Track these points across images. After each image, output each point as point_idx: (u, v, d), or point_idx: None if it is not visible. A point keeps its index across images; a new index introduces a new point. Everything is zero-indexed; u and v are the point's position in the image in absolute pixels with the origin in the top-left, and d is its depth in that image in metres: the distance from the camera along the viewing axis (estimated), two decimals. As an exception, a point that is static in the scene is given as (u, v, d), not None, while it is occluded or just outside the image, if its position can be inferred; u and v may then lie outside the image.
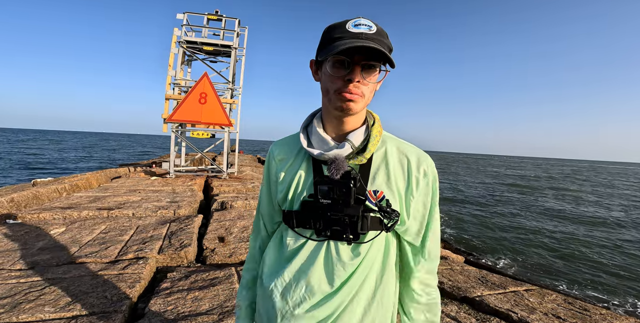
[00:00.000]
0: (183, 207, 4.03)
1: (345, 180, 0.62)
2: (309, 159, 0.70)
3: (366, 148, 0.65)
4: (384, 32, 0.62)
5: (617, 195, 20.90)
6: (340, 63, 0.60)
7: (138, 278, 2.08)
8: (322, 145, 0.67)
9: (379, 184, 0.66)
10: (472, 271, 2.78)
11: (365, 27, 0.59)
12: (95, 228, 3.07)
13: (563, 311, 2.05)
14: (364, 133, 0.67)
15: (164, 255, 2.54)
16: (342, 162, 0.62)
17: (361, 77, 0.59)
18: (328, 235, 0.65)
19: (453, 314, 1.93)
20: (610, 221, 11.98)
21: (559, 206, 15.03)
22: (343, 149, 0.64)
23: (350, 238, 0.63)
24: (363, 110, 0.66)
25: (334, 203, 0.63)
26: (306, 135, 0.71)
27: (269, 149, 0.80)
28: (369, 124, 0.69)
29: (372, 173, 0.66)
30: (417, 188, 0.67)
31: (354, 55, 0.58)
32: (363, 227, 0.63)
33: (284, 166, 0.73)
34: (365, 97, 0.62)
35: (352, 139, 0.65)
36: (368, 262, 0.66)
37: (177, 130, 6.96)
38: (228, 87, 7.69)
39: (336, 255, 0.65)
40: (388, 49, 0.60)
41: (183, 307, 1.78)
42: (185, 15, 7.14)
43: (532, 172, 44.97)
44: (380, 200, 0.65)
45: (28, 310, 1.64)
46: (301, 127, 0.73)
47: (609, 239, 9.34)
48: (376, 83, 0.63)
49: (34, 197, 4.24)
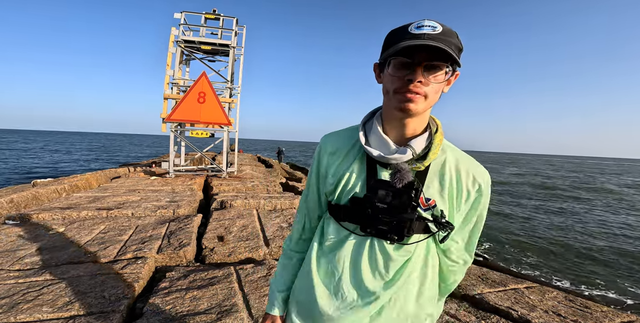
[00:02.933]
0: (182, 206, 4.02)
1: (407, 190, 0.64)
2: (363, 157, 0.70)
3: (427, 156, 0.65)
4: (452, 32, 0.59)
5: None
6: (402, 64, 0.59)
7: (137, 278, 2.07)
8: (382, 146, 0.66)
9: (432, 193, 0.66)
10: (472, 268, 2.77)
11: (428, 28, 0.57)
12: (94, 229, 3.07)
13: (564, 308, 2.04)
14: (426, 140, 0.66)
15: (163, 255, 2.54)
16: (407, 172, 0.64)
17: (423, 77, 0.58)
18: (373, 233, 0.66)
19: (453, 312, 1.92)
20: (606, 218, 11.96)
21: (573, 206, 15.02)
22: (405, 154, 0.63)
23: (395, 238, 0.65)
24: (425, 113, 0.65)
25: (389, 208, 0.64)
26: (364, 133, 0.70)
27: (320, 140, 0.79)
28: (432, 131, 0.67)
29: (427, 181, 0.66)
30: (467, 201, 0.67)
31: (416, 56, 0.57)
32: (409, 231, 0.64)
33: (335, 160, 0.73)
34: (427, 99, 0.60)
35: (414, 145, 0.64)
36: (413, 261, 0.68)
37: (176, 130, 6.95)
38: (227, 86, 7.67)
39: (381, 253, 0.67)
40: (456, 49, 0.58)
41: (182, 306, 1.78)
42: (182, 14, 7.11)
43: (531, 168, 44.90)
44: (430, 208, 0.66)
45: (26, 310, 1.64)
46: (360, 123, 0.72)
47: (611, 233, 9.32)
48: (441, 84, 0.60)
49: (33, 198, 4.24)
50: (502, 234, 9.15)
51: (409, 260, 0.68)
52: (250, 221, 3.53)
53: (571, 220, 11.34)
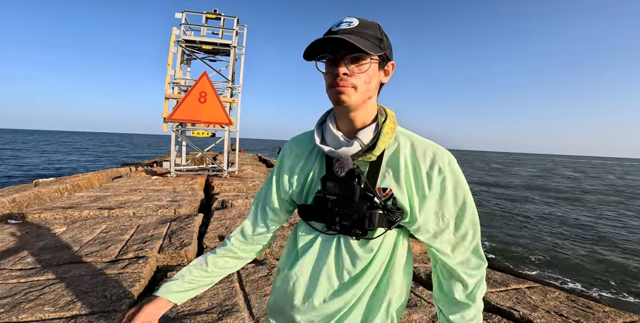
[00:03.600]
0: (183, 206, 4.03)
1: (349, 178, 0.64)
2: (323, 156, 0.72)
3: (375, 145, 0.65)
4: (371, 24, 0.62)
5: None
6: (330, 60, 0.62)
7: (138, 277, 2.08)
8: (334, 142, 0.68)
9: (388, 182, 0.66)
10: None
11: (345, 24, 0.61)
12: (96, 228, 3.07)
13: (566, 309, 2.03)
14: (374, 130, 0.66)
15: (164, 254, 2.54)
16: (346, 160, 0.64)
17: (347, 69, 0.60)
18: (338, 229, 0.67)
19: (454, 312, 1.92)
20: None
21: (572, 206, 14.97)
22: (352, 147, 0.64)
23: (359, 233, 0.65)
24: (368, 105, 0.66)
25: (339, 200, 0.66)
26: (321, 132, 0.72)
27: (284, 144, 0.81)
28: (380, 121, 0.67)
29: (382, 171, 0.66)
30: (430, 186, 0.65)
31: (338, 51, 0.60)
32: (370, 224, 0.64)
33: (298, 161, 0.75)
34: (358, 89, 0.61)
35: (361, 136, 0.65)
36: (380, 258, 0.67)
37: (177, 130, 6.96)
38: (228, 85, 7.68)
39: (346, 250, 0.68)
40: (374, 39, 0.61)
41: (182, 306, 1.78)
42: (183, 14, 7.11)
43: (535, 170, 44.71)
44: (388, 198, 0.65)
45: (28, 309, 1.64)
46: (316, 124, 0.74)
47: (613, 233, 9.29)
48: (369, 73, 0.62)
49: (35, 197, 4.25)
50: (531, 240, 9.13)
51: (375, 256, 0.67)
52: (251, 221, 3.54)
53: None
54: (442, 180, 0.65)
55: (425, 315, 1.84)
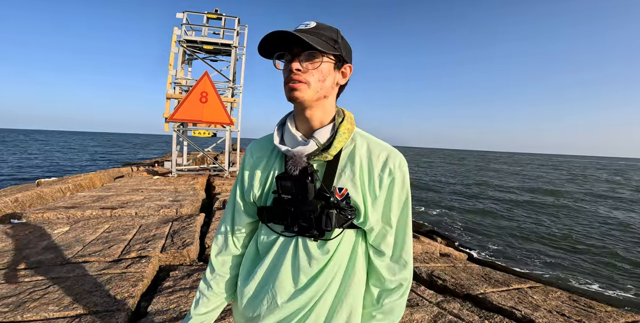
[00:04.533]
0: (185, 206, 4.04)
1: (302, 176, 0.64)
2: (282, 156, 0.72)
3: (332, 145, 0.65)
4: (328, 27, 0.64)
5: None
6: (287, 58, 0.64)
7: (141, 277, 2.09)
8: (292, 141, 0.68)
9: (344, 181, 0.66)
10: (475, 268, 2.77)
11: (302, 25, 0.63)
12: (98, 228, 3.09)
13: (568, 308, 2.03)
14: (330, 130, 0.67)
15: (167, 254, 2.55)
16: (299, 158, 0.65)
17: (300, 65, 0.61)
18: (296, 230, 0.67)
19: (456, 311, 1.92)
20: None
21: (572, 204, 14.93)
22: (307, 146, 0.65)
23: (316, 234, 0.65)
24: (326, 105, 0.67)
25: (294, 199, 0.66)
26: (281, 133, 0.72)
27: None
28: (337, 121, 0.68)
29: (338, 170, 0.67)
30: (381, 186, 0.66)
31: (293, 49, 0.61)
32: (327, 224, 0.64)
33: (260, 163, 0.75)
34: (311, 85, 0.62)
35: (317, 136, 0.66)
36: (336, 259, 0.67)
37: (178, 130, 6.98)
38: (229, 85, 7.69)
39: (304, 252, 0.67)
40: (328, 39, 0.62)
41: (185, 305, 1.79)
42: (185, 14, 7.13)
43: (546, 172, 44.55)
44: (344, 198, 0.65)
45: (32, 309, 1.66)
46: (276, 125, 0.74)
47: (614, 234, 9.27)
48: (322, 71, 0.63)
49: (38, 197, 4.27)
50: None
51: (332, 258, 0.66)
52: (252, 220, 3.55)
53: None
54: (391, 182, 0.66)
55: (427, 314, 1.84)
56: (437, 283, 2.36)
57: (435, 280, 2.40)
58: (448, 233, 8.64)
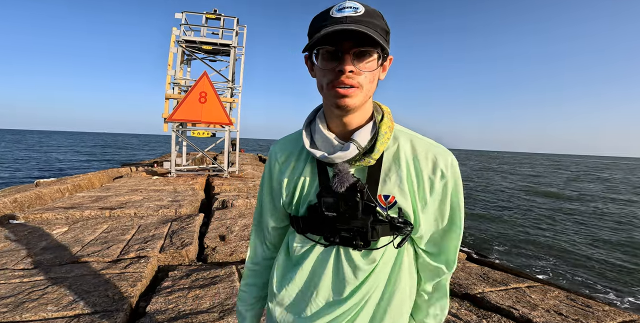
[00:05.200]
0: (184, 206, 4.04)
1: (351, 193, 0.56)
2: (314, 160, 0.64)
3: (374, 148, 0.58)
4: (376, 13, 0.54)
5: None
6: (330, 54, 0.53)
7: (139, 277, 2.09)
8: (326, 145, 0.60)
9: (390, 188, 0.59)
10: (474, 268, 2.77)
11: (350, 9, 0.52)
12: (97, 228, 3.09)
13: (565, 307, 2.04)
14: (371, 131, 0.59)
15: (166, 254, 2.55)
16: (346, 174, 0.57)
17: (354, 66, 0.52)
18: (337, 241, 0.60)
19: (454, 311, 1.93)
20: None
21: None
22: (348, 151, 0.57)
23: (361, 245, 0.59)
24: (366, 103, 0.59)
25: (340, 216, 0.58)
26: (309, 134, 0.64)
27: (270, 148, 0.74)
28: (377, 120, 0.60)
29: (382, 176, 0.59)
30: (432, 191, 0.59)
31: (343, 43, 0.51)
32: (374, 235, 0.58)
33: (286, 168, 0.67)
34: (363, 89, 0.54)
35: (357, 138, 0.58)
36: (381, 267, 0.62)
37: (177, 130, 6.98)
38: (228, 85, 7.69)
39: (347, 262, 0.61)
40: (382, 31, 0.53)
41: (184, 305, 1.79)
42: (183, 14, 7.13)
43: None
44: (391, 206, 0.59)
45: (31, 309, 1.66)
46: (304, 125, 0.66)
47: (614, 233, 9.29)
48: (375, 71, 0.55)
49: (36, 197, 4.27)
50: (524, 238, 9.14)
51: (377, 266, 0.62)
52: (251, 220, 3.55)
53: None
54: (444, 185, 0.60)
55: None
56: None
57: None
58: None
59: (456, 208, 0.62)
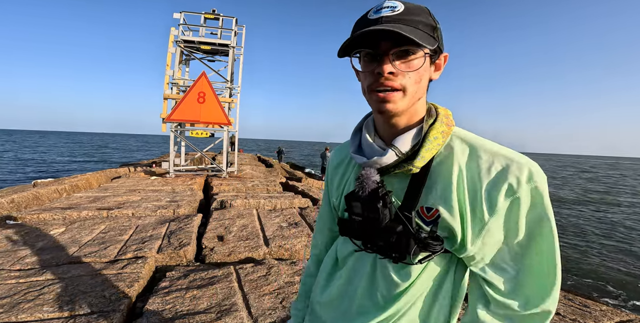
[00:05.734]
0: (182, 206, 4.03)
1: (372, 199, 0.54)
2: (360, 167, 0.62)
3: (418, 154, 0.53)
4: (420, 9, 0.50)
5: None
6: (370, 56, 0.51)
7: (137, 277, 2.08)
8: (370, 151, 0.58)
9: (433, 200, 0.53)
10: (472, 268, 2.78)
11: (387, 9, 0.49)
12: (94, 228, 3.08)
13: (563, 307, 2.04)
14: (415, 135, 0.54)
15: (163, 255, 2.55)
16: (367, 178, 0.55)
17: (394, 67, 0.49)
18: (374, 249, 0.58)
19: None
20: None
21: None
22: (384, 157, 0.54)
23: (396, 257, 0.54)
24: (415, 106, 0.54)
25: (364, 221, 0.56)
26: (358, 139, 0.63)
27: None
28: (426, 124, 0.55)
29: (427, 186, 0.54)
30: (493, 209, 0.50)
31: (381, 44, 0.49)
32: (409, 248, 0.52)
33: (337, 172, 0.69)
34: (408, 91, 0.51)
35: (397, 143, 0.54)
36: (419, 286, 0.56)
37: (176, 130, 6.96)
38: (226, 86, 7.68)
39: (381, 273, 0.58)
40: (426, 26, 0.49)
41: (181, 305, 1.79)
42: (182, 14, 7.11)
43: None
44: (433, 220, 0.53)
45: (27, 309, 1.65)
46: (353, 130, 0.64)
47: (612, 231, 9.33)
48: (419, 71, 0.51)
49: (34, 198, 4.25)
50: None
51: (413, 284, 0.56)
52: (250, 221, 3.54)
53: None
54: (512, 203, 0.49)
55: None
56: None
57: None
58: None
59: (536, 234, 0.50)
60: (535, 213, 0.50)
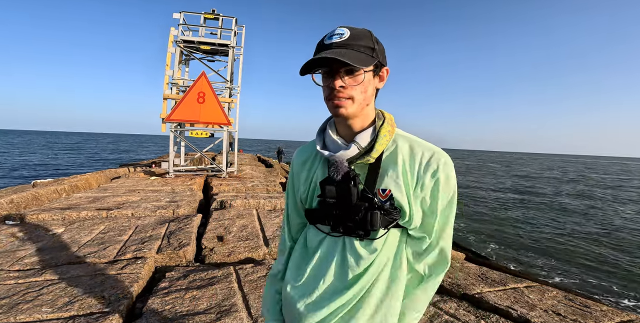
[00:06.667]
0: (182, 206, 4.03)
1: (345, 180, 0.67)
2: (325, 161, 0.75)
3: (373, 148, 0.67)
4: (362, 33, 0.64)
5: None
6: (326, 73, 0.65)
7: (136, 278, 2.07)
8: (334, 146, 0.71)
9: (387, 183, 0.68)
10: (472, 268, 2.77)
11: (336, 36, 0.63)
12: (94, 229, 3.07)
13: (563, 308, 2.04)
14: (371, 133, 0.69)
15: (163, 255, 2.54)
16: (341, 163, 0.68)
17: (343, 82, 0.63)
18: (341, 231, 0.70)
19: (452, 311, 1.92)
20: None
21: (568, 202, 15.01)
22: (349, 150, 0.67)
23: (361, 234, 0.67)
24: (365, 110, 0.68)
25: (338, 202, 0.68)
26: (322, 139, 0.75)
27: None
28: (377, 125, 0.70)
29: (381, 172, 0.69)
30: (424, 187, 0.67)
31: (332, 64, 0.62)
32: (372, 224, 0.66)
33: (304, 168, 0.79)
34: (355, 100, 0.64)
35: (358, 140, 0.68)
36: (382, 258, 0.69)
37: (175, 130, 6.95)
38: (226, 86, 7.67)
39: (351, 251, 0.70)
40: (366, 49, 0.63)
41: (181, 306, 1.78)
42: (181, 14, 7.11)
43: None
44: (388, 198, 0.67)
45: (26, 310, 1.64)
46: (317, 131, 0.77)
47: (614, 233, 9.33)
48: (364, 83, 0.64)
49: (33, 198, 4.24)
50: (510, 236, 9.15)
51: (378, 256, 0.69)
52: (250, 221, 3.54)
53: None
54: (435, 182, 0.67)
55: (423, 315, 1.85)
56: (433, 283, 2.36)
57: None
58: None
59: (446, 204, 0.69)
60: (450, 189, 0.69)
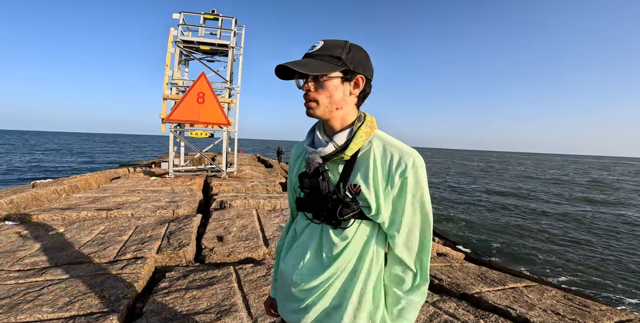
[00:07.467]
0: (182, 206, 4.03)
1: (315, 174, 0.76)
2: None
3: (348, 146, 0.74)
4: (332, 45, 0.71)
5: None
6: (299, 78, 0.74)
7: (136, 278, 2.08)
8: (318, 144, 0.79)
9: (358, 179, 0.74)
10: (472, 268, 2.78)
11: (311, 48, 0.72)
12: (94, 229, 3.07)
13: (562, 307, 2.04)
14: (348, 133, 0.75)
15: (163, 255, 2.54)
16: (313, 159, 0.76)
17: (309, 86, 0.72)
18: (321, 219, 0.77)
19: (451, 311, 1.93)
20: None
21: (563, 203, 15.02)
22: (326, 148, 0.75)
23: (334, 223, 0.74)
24: (342, 112, 0.75)
25: (311, 193, 0.77)
26: (312, 136, 0.83)
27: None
28: (356, 126, 0.76)
29: (354, 169, 0.76)
30: (392, 185, 0.72)
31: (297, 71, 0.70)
32: (341, 214, 0.72)
33: (297, 162, 0.89)
34: (320, 103, 0.72)
35: (336, 139, 0.75)
36: (353, 245, 0.76)
37: (175, 130, 6.95)
38: (226, 86, 7.67)
39: (326, 237, 0.77)
40: (331, 58, 0.70)
41: (181, 306, 1.78)
42: (181, 14, 7.11)
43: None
44: (357, 193, 0.74)
45: (26, 310, 1.65)
46: (309, 130, 0.85)
47: (613, 233, 9.34)
48: (329, 89, 0.71)
49: (33, 198, 4.24)
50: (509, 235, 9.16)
51: (349, 244, 0.75)
52: (249, 221, 3.54)
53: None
54: (403, 181, 0.72)
55: (423, 314, 1.85)
56: (433, 283, 2.37)
57: (431, 280, 2.41)
58: (445, 232, 8.67)
59: (417, 205, 0.73)
60: (419, 190, 0.73)
